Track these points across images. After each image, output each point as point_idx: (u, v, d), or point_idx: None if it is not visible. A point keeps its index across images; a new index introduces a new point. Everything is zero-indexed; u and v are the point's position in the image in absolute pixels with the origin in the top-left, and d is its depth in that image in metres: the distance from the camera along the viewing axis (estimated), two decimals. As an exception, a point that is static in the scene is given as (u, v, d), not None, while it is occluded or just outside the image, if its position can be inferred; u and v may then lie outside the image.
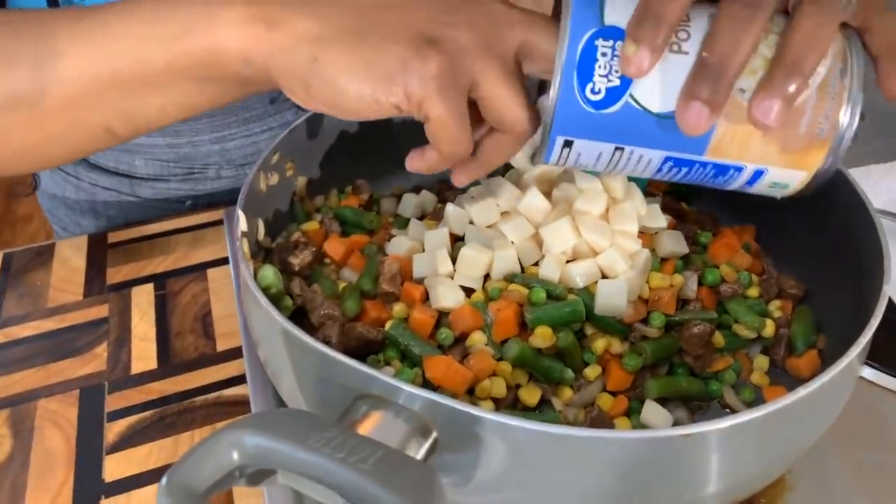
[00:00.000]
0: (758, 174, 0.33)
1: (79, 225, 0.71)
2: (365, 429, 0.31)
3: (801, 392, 0.31)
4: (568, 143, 0.32)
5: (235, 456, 0.28)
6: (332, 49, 0.32)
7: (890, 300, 0.50)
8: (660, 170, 0.33)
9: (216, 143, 0.66)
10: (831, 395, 0.35)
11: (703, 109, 0.29)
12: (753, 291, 0.45)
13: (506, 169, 0.49)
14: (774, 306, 0.46)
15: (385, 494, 0.26)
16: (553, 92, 0.31)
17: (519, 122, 0.33)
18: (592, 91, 0.30)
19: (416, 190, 0.57)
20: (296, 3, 0.33)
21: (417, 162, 0.36)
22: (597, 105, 0.31)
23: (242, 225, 0.41)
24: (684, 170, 0.33)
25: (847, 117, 0.31)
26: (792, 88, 0.28)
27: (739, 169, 0.33)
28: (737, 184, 0.34)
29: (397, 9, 0.33)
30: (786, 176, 0.33)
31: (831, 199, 0.45)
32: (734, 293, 0.44)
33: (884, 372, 0.48)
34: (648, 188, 0.55)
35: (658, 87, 0.30)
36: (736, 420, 0.30)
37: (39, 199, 0.74)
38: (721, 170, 0.33)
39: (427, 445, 0.31)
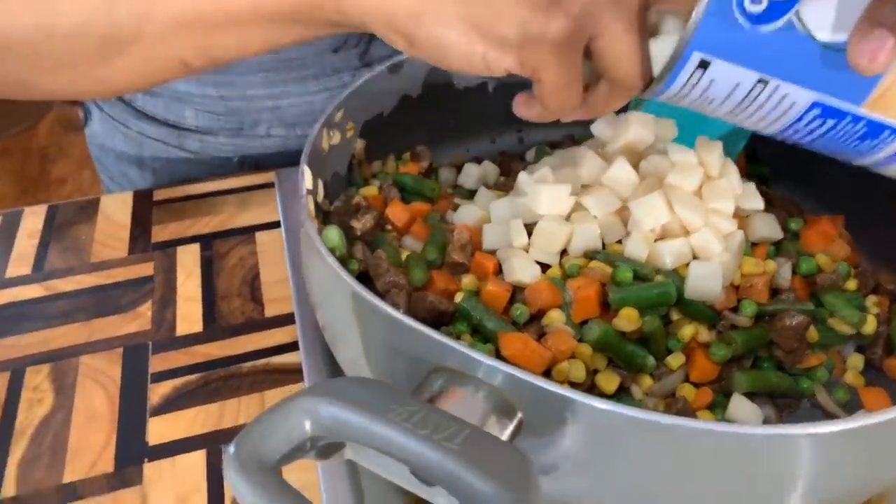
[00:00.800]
0: None
1: (125, 175, 0.70)
2: (445, 405, 0.28)
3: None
4: (704, 64, 0.27)
5: (308, 426, 0.26)
6: (442, 2, 0.29)
7: None
8: (799, 120, 0.29)
9: (269, 99, 0.63)
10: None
11: (886, 40, 0.24)
12: (852, 284, 0.42)
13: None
14: (871, 302, 0.42)
15: (477, 479, 0.23)
16: None
17: (633, 77, 0.30)
18: (752, 0, 0.26)
19: (477, 160, 0.54)
20: None
21: (523, 109, 0.33)
22: (754, 19, 0.26)
23: (308, 182, 0.38)
24: (829, 123, 0.28)
25: None
26: None
27: None
28: (884, 153, 0.30)
29: None
30: None
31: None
32: (833, 284, 0.40)
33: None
34: None
35: (833, 7, 0.25)
36: (845, 426, 0.27)
37: (89, 145, 0.72)
38: (874, 130, 0.28)
39: (512, 427, 0.28)
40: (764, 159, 0.54)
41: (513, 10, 0.28)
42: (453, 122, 0.57)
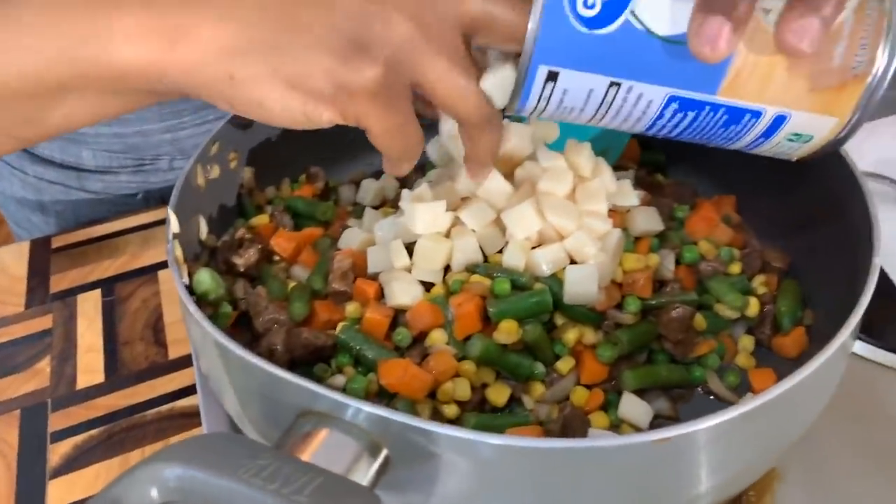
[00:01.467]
0: (778, 121, 0.28)
1: (30, 221, 0.68)
2: (307, 451, 0.28)
3: (792, 381, 0.28)
4: (552, 76, 0.27)
5: (154, 493, 0.25)
6: (249, 63, 0.28)
7: (884, 272, 0.48)
8: (660, 116, 0.29)
9: (167, 132, 0.62)
10: (824, 379, 0.33)
11: (722, 26, 0.24)
12: (735, 268, 0.42)
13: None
14: (758, 282, 0.43)
15: (322, 532, 0.23)
16: (537, 6, 0.26)
17: (473, 111, 0.29)
18: (585, 5, 0.26)
19: (377, 175, 0.54)
20: (201, 5, 0.28)
21: (384, 163, 0.33)
22: (590, 23, 0.26)
23: (174, 226, 0.37)
24: (690, 116, 0.28)
25: (887, 50, 0.27)
26: (829, 6, 0.24)
27: (758, 114, 0.28)
28: (750, 136, 0.30)
29: (317, 6, 0.28)
30: (811, 124, 0.29)
31: (815, 163, 0.42)
32: (715, 271, 0.41)
33: (876, 346, 0.46)
34: (621, 161, 0.52)
35: (666, 1, 0.25)
36: (721, 418, 0.27)
37: None
38: (735, 116, 0.28)
39: (377, 465, 0.28)
40: (658, 146, 0.54)
41: (321, 62, 0.27)
42: (350, 137, 0.56)
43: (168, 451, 0.26)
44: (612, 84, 0.27)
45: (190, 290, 0.38)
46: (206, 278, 0.37)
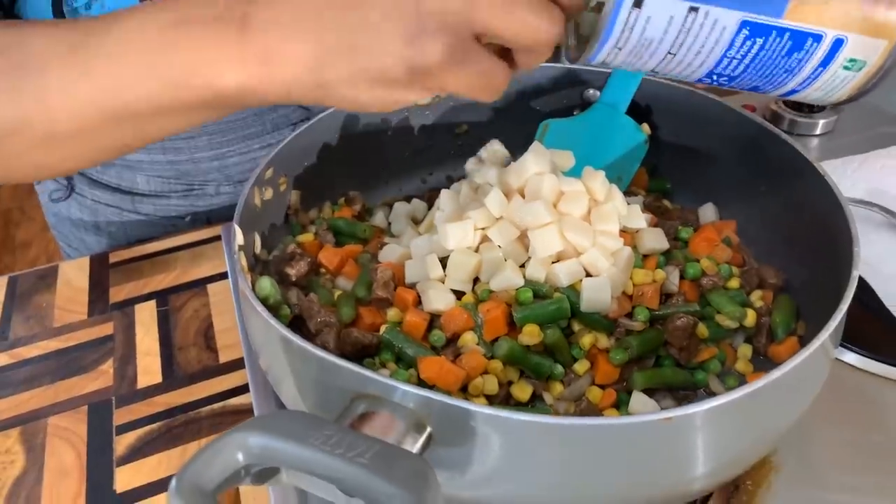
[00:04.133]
0: (836, 45, 0.31)
1: (83, 241, 0.73)
2: (362, 426, 0.32)
3: (776, 374, 0.33)
4: (637, 3, 0.30)
5: (240, 456, 0.30)
6: (332, 70, 0.32)
7: (872, 290, 0.52)
8: (731, 46, 0.31)
9: (215, 159, 0.68)
10: (807, 376, 0.37)
11: None
12: (734, 283, 0.47)
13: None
14: (756, 296, 0.48)
15: (382, 485, 0.28)
16: None
17: (543, 37, 0.31)
18: None
19: (408, 199, 0.59)
20: (282, 25, 0.32)
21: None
22: None
23: (239, 239, 0.43)
24: (758, 43, 0.31)
25: None
26: None
27: (819, 38, 0.31)
28: (810, 65, 0.32)
29: (373, 4, 0.31)
30: (865, 47, 0.32)
31: (804, 188, 0.47)
32: (715, 285, 0.46)
33: (868, 357, 0.50)
34: (631, 188, 0.57)
35: None
36: (714, 403, 0.32)
37: (45, 213, 0.76)
38: (798, 41, 0.31)
39: (422, 440, 0.32)
40: (665, 174, 0.60)
41: (390, 53, 0.30)
42: (383, 165, 0.62)
43: (251, 423, 0.31)
44: (690, 9, 0.30)
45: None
46: (266, 285, 0.43)
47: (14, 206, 2.49)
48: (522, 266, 0.44)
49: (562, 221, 0.43)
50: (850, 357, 0.50)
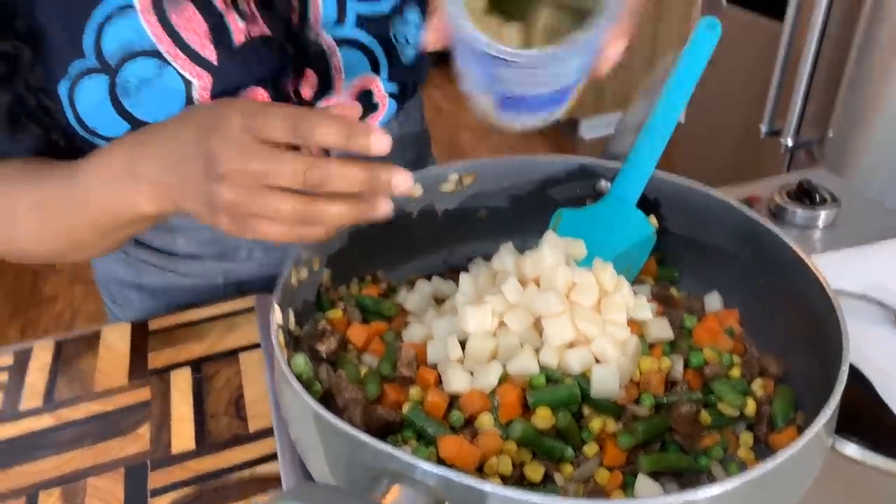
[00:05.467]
0: None
1: (126, 298, 0.78)
2: (386, 501, 0.35)
3: (772, 463, 0.36)
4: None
5: (280, 525, 0.33)
6: (186, 204, 0.48)
7: (870, 383, 0.55)
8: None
9: None
10: (802, 464, 0.39)
11: None
12: (735, 372, 0.50)
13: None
14: (757, 385, 0.50)
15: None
16: None
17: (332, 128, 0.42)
18: None
19: (429, 277, 0.63)
20: (152, 176, 0.48)
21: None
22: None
23: (278, 318, 0.47)
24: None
25: None
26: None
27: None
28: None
29: (173, 144, 0.47)
30: None
31: (799, 283, 0.50)
32: (717, 374, 0.49)
33: (866, 449, 0.52)
34: (640, 275, 0.61)
35: None
36: (714, 490, 0.35)
37: (95, 273, 0.81)
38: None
39: (441, 516, 0.35)
40: (673, 263, 0.63)
41: (198, 191, 0.45)
42: (408, 246, 0.66)
43: (288, 493, 0.34)
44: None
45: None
46: (301, 362, 0.46)
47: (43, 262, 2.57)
48: (537, 351, 0.48)
49: (573, 311, 0.47)
50: (850, 449, 0.52)
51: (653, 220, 0.59)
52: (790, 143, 1.51)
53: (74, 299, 2.37)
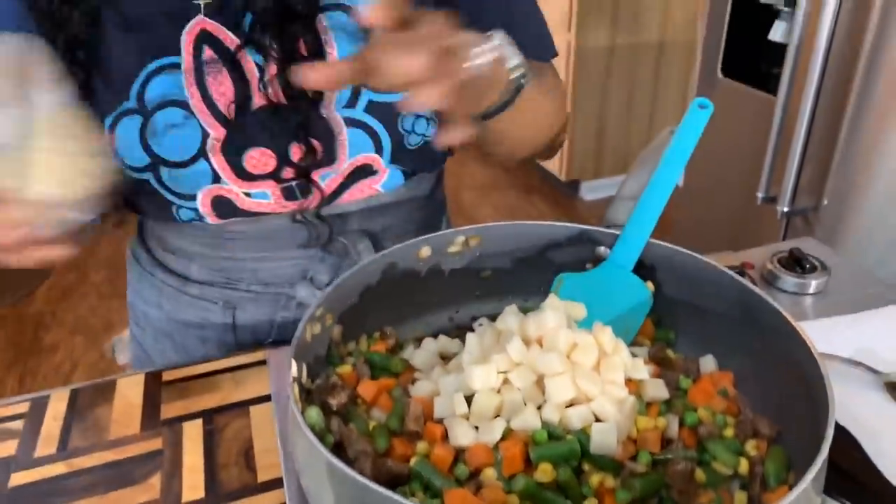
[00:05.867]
0: None
1: (146, 316, 0.84)
2: (395, 550, 0.37)
3: (760, 523, 0.38)
4: None
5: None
6: None
7: (860, 446, 0.57)
8: None
9: (250, 262, 0.77)
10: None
11: None
12: (729, 432, 0.52)
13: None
14: (750, 445, 0.52)
15: None
16: None
17: None
18: None
19: (435, 335, 0.66)
20: None
21: None
22: None
23: (294, 371, 0.49)
24: None
25: None
26: None
27: None
28: None
29: None
30: None
31: (789, 348, 0.53)
32: (711, 434, 0.51)
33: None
34: (638, 338, 0.63)
35: None
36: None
37: (128, 292, 0.86)
38: None
39: (447, 566, 0.37)
40: (669, 326, 0.66)
41: None
42: (415, 304, 0.69)
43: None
44: None
45: (297, 422, 0.49)
46: (314, 414, 0.49)
47: (46, 310, 2.59)
48: (539, 408, 0.50)
49: (574, 370, 0.49)
50: (847, 513, 0.54)
51: (649, 284, 0.62)
52: (785, 209, 1.56)
53: (75, 350, 2.38)
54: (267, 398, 0.67)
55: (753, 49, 1.66)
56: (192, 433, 0.64)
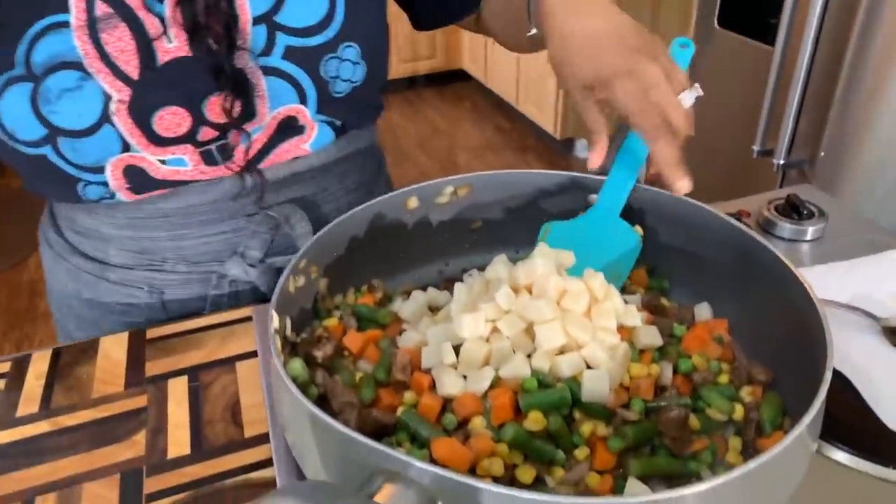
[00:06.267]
0: None
1: (69, 307, 0.77)
2: (380, 498, 0.36)
3: (754, 463, 0.36)
4: None
5: (274, 520, 0.33)
6: None
7: (857, 391, 0.56)
8: None
9: (170, 240, 0.72)
10: (787, 466, 0.40)
11: None
12: (724, 378, 0.51)
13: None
14: (745, 392, 0.51)
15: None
16: None
17: None
18: None
19: (424, 287, 0.64)
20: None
21: None
22: None
23: (275, 323, 0.48)
24: None
25: None
26: None
27: None
28: None
29: None
30: None
31: (787, 293, 0.51)
32: (705, 381, 0.50)
33: (855, 455, 0.53)
34: (633, 286, 0.62)
35: None
36: (700, 487, 0.36)
37: (48, 295, 0.80)
38: None
39: (433, 513, 0.36)
40: (664, 274, 0.65)
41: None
42: (404, 257, 0.68)
43: (285, 490, 0.34)
44: None
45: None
46: (297, 366, 0.47)
47: (39, 278, 2.58)
48: (529, 356, 0.49)
49: (564, 317, 0.48)
50: (840, 456, 0.53)
51: (638, 228, 0.61)
52: (782, 162, 1.53)
53: (70, 316, 2.37)
54: (253, 354, 0.66)
55: (751, -3, 1.62)
56: (178, 390, 0.63)
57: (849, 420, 0.55)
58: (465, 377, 0.48)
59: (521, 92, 3.05)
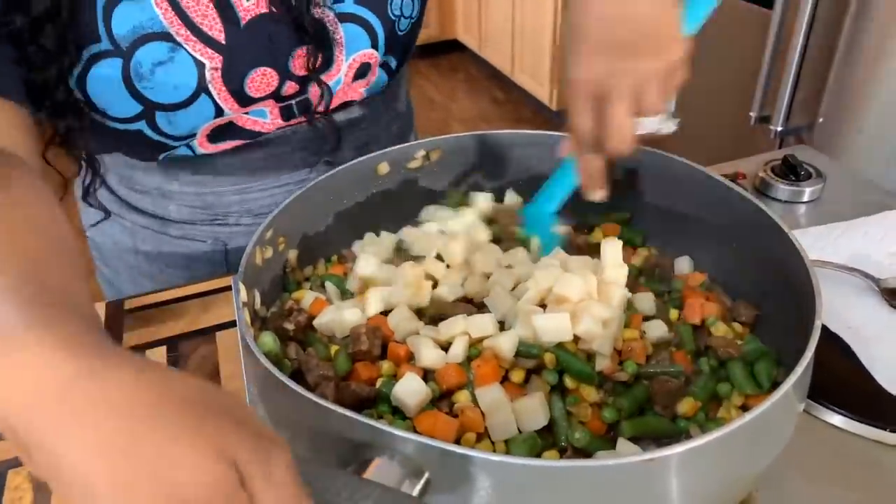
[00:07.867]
0: None
1: (121, 258, 0.77)
2: (364, 473, 0.34)
3: (741, 420, 0.35)
4: None
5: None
6: None
7: (854, 352, 0.54)
8: None
9: (236, 194, 0.72)
10: (774, 422, 0.39)
11: None
12: (720, 329, 0.50)
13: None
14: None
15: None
16: None
17: None
18: None
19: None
20: None
21: None
22: None
23: (243, 296, 0.45)
24: None
25: None
26: None
27: None
28: None
29: None
30: None
31: (773, 248, 0.49)
32: (731, 356, 0.48)
33: (850, 418, 0.51)
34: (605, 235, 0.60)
35: None
36: (688, 445, 0.34)
37: (87, 236, 0.79)
38: None
39: (421, 484, 0.34)
40: (639, 227, 0.62)
41: None
42: (373, 225, 0.64)
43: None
44: None
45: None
46: (269, 340, 0.45)
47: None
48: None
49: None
50: (836, 419, 0.51)
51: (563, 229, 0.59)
52: (780, 128, 1.51)
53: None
54: (233, 324, 0.64)
55: (749, -43, 1.58)
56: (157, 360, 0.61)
57: (846, 383, 0.53)
58: (444, 351, 0.46)
59: (516, 63, 3.00)
